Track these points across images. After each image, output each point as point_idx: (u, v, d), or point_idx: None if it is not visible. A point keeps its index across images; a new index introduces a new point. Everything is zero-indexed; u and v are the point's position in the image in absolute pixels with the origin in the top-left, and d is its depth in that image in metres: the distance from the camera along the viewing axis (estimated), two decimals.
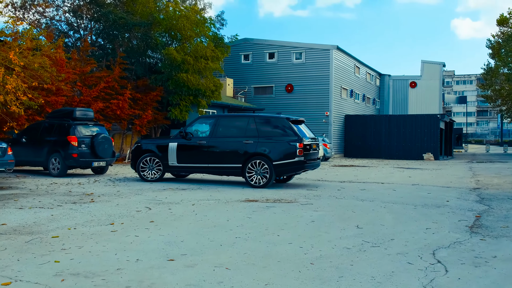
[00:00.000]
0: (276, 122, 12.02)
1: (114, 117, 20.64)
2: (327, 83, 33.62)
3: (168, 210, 8.11)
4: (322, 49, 33.81)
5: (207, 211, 8.10)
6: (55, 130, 14.47)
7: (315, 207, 8.57)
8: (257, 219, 7.37)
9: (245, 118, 12.41)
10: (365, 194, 10.59)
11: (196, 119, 13.13)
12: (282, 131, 11.80)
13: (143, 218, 7.32)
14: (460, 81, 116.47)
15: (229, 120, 12.80)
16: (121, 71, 21.29)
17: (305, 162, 11.69)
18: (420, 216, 7.74)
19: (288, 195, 10.33)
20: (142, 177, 12.94)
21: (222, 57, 23.98)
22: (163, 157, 12.69)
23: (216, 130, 12.30)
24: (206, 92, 22.91)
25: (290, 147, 11.55)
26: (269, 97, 35.46)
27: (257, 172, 11.66)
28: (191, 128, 12.76)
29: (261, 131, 11.87)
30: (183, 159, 12.47)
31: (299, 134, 11.71)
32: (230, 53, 35.19)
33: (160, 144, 12.89)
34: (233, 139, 12.04)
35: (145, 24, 22.16)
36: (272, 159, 11.53)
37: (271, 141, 11.70)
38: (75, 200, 9.23)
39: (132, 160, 13.26)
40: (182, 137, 12.53)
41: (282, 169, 11.66)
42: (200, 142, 12.31)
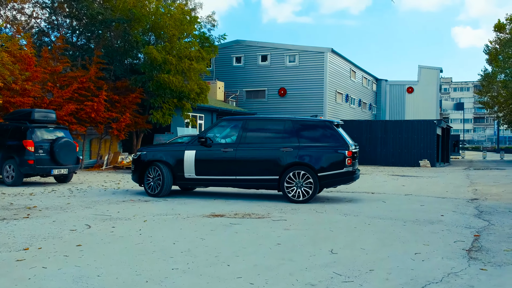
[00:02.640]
0: (319, 126, 10.25)
1: (89, 120, 19.29)
2: (321, 87, 32.41)
3: (110, 229, 6.78)
4: (317, 52, 32.61)
5: (157, 230, 6.76)
6: (11, 133, 13.11)
7: (288, 224, 7.23)
8: (212, 241, 6.04)
9: (281, 122, 10.44)
10: (351, 207, 9.25)
11: (217, 122, 11.02)
12: (326, 136, 10.02)
13: (72, 241, 5.99)
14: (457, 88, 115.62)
15: (260, 123, 10.72)
16: (97, 71, 19.97)
17: (354, 173, 10.07)
18: (410, 236, 6.41)
19: (262, 208, 8.99)
20: (149, 192, 10.65)
21: (208, 58, 22.70)
22: (176, 168, 10.38)
23: (244, 135, 10.21)
24: (191, 94, 21.59)
25: (338, 155, 9.81)
26: (261, 101, 34.22)
27: (298, 184, 9.72)
28: (211, 133, 10.60)
29: (301, 137, 9.96)
30: (203, 170, 10.25)
31: (346, 140, 10.01)
32: (221, 55, 34.10)
33: (172, 152, 10.57)
34: (268, 146, 10.06)
35: (124, 20, 20.85)
36: (317, 170, 9.70)
37: (314, 149, 9.85)
38: (7, 215, 7.89)
39: (134, 171, 11.02)
40: (202, 144, 10.30)
41: (328, 181, 9.90)
42: (226, 150, 10.16)
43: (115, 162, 21.32)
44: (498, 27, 38.96)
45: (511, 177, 19.01)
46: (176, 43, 21.11)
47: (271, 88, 33.97)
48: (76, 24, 23.59)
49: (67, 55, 21.54)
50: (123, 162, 21.39)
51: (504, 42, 36.23)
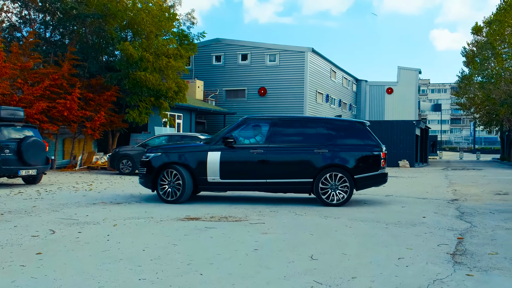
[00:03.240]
0: (352, 126, 9.86)
1: (61, 119, 18.63)
2: (301, 86, 32.21)
3: (75, 235, 6.32)
4: (297, 51, 32.40)
5: (126, 235, 6.33)
6: None
7: (266, 228, 6.88)
8: (185, 247, 5.65)
9: (313, 121, 9.97)
10: (331, 209, 8.95)
11: (241, 121, 9.90)
12: (360, 137, 9.64)
13: (32, 248, 5.52)
14: (435, 90, 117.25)
15: (290, 123, 9.88)
16: (71, 67, 19.30)
17: (387, 175, 9.85)
18: (392, 240, 6.12)
19: (240, 211, 8.62)
20: (164, 198, 9.54)
21: (187, 56, 22.24)
22: (198, 171, 9.41)
23: (273, 135, 9.51)
24: (168, 93, 21.08)
25: (374, 156, 9.52)
26: (241, 100, 33.87)
27: (333, 187, 9.32)
28: (235, 132, 9.67)
29: (335, 138, 9.50)
30: (229, 173, 9.38)
31: (379, 141, 9.73)
32: (200, 54, 33.62)
33: (193, 153, 9.54)
34: (300, 147, 9.47)
35: (99, 16, 20.21)
36: (353, 172, 9.33)
37: (350, 150, 9.43)
38: None
39: (144, 175, 9.76)
40: (227, 145, 9.43)
41: (364, 184, 9.56)
42: (256, 151, 9.39)
43: (89, 162, 20.70)
44: (476, 30, 39.39)
45: (488, 178, 19.13)
46: (154, 40, 20.59)
47: (251, 87, 33.64)
48: (49, 19, 22.84)
49: (40, 51, 20.80)
50: (98, 162, 20.78)
51: (482, 44, 36.65)
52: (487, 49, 34.14)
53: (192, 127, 28.42)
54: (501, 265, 4.92)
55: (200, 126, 32.67)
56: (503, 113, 32.67)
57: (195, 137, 17.08)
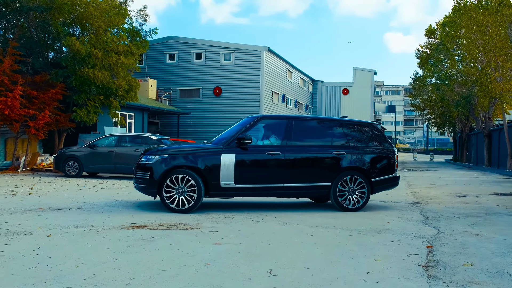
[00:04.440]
0: (367, 128, 9.43)
1: (2, 118, 17.31)
2: (257, 86, 31.77)
3: (0, 248, 5.49)
4: (253, 51, 31.93)
5: (60, 248, 5.55)
6: None
7: (219, 237, 6.27)
8: (126, 262, 4.95)
9: (329, 122, 9.35)
10: (289, 214, 8.44)
11: (253, 120, 9.03)
12: (376, 139, 9.34)
13: None
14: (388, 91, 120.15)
15: (306, 123, 9.27)
16: (13, 63, 17.98)
17: (399, 178, 9.62)
18: (358, 249, 5.66)
19: (191, 217, 7.96)
20: (170, 207, 8.41)
21: (138, 53, 21.26)
22: (210, 175, 8.44)
23: (290, 137, 8.84)
24: (119, 91, 20.06)
25: (389, 159, 9.27)
26: (195, 100, 33.06)
27: (350, 191, 8.90)
28: (248, 133, 8.76)
29: (351, 139, 9.12)
30: (244, 177, 8.55)
31: (393, 144, 9.41)
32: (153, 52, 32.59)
33: (204, 155, 8.55)
34: (318, 149, 8.92)
35: (42, 9, 18.94)
36: (371, 175, 9.02)
37: (367, 152, 9.10)
38: None
39: (148, 180, 8.50)
40: (241, 146, 8.59)
41: (379, 187, 9.28)
42: (273, 153, 8.66)
43: (34, 164, 19.39)
44: (429, 32, 40.26)
45: (445, 179, 19.27)
46: (103, 36, 19.51)
47: (206, 87, 32.90)
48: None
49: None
50: (43, 163, 19.51)
51: (435, 46, 37.42)
52: (440, 51, 34.87)
53: (145, 127, 27.39)
54: (478, 279, 4.52)
55: (153, 126, 31.62)
56: (456, 114, 33.41)
57: (147, 137, 16.25)
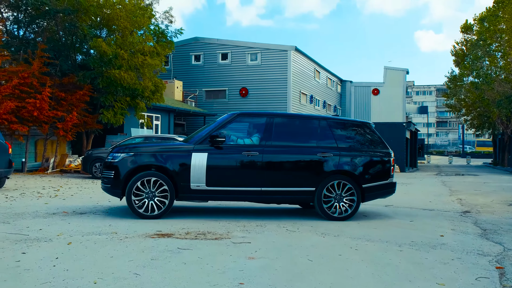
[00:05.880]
0: (358, 127, 8.64)
1: (31, 120, 17.27)
2: (284, 87, 31.12)
3: (17, 257, 5.06)
4: (279, 50, 31.30)
5: (79, 258, 5.06)
6: None
7: (253, 249, 5.67)
8: (149, 278, 4.40)
9: (315, 120, 8.46)
10: (327, 224, 7.78)
11: (229, 117, 8.29)
12: (368, 140, 8.51)
13: None
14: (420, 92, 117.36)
15: (289, 121, 8.44)
16: (41, 66, 17.94)
17: (396, 184, 8.72)
18: (414, 269, 4.94)
19: (221, 225, 7.39)
20: (137, 212, 7.74)
21: (163, 53, 20.95)
22: (179, 176, 7.75)
23: (270, 135, 8.08)
24: (145, 92, 19.75)
25: (383, 163, 8.40)
26: (221, 101, 32.64)
27: (337, 197, 8.06)
28: (223, 130, 8.06)
29: (340, 140, 8.27)
30: (217, 179, 7.82)
31: (388, 146, 8.61)
32: (179, 53, 32.32)
33: (173, 154, 7.84)
34: (302, 150, 8.11)
35: (70, 11, 18.81)
36: (361, 180, 8.15)
37: (357, 155, 8.23)
38: None
39: (112, 180, 7.86)
40: (215, 144, 7.86)
41: (371, 194, 8.37)
42: (250, 153, 7.91)
43: (62, 165, 19.29)
44: (465, 28, 38.68)
45: (490, 185, 18.07)
46: (129, 37, 19.24)
47: (232, 88, 32.45)
48: (22, 17, 21.37)
49: (12, 50, 19.41)
50: (71, 165, 19.38)
51: (474, 42, 35.80)
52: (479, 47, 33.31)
53: (171, 129, 27.11)
54: None
55: (179, 127, 31.37)
56: (496, 115, 31.57)
57: (173, 139, 15.88)
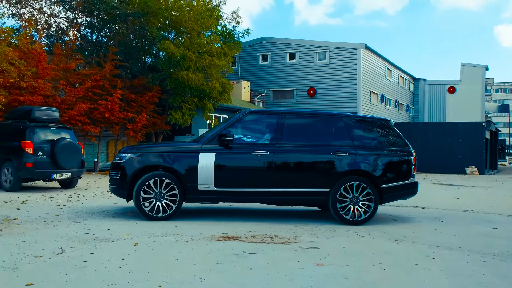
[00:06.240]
0: (376, 125, 8.11)
1: (103, 121, 17.93)
2: (354, 86, 30.32)
3: (85, 257, 5.09)
4: (349, 49, 30.55)
5: (144, 260, 5.02)
6: (10, 133, 11.76)
7: (322, 255, 5.37)
8: (214, 283, 4.25)
9: (329, 118, 8.08)
10: (401, 229, 7.29)
11: (240, 115, 8.10)
12: (387, 138, 8.03)
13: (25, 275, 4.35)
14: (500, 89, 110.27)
15: (301, 119, 8.10)
16: (113, 68, 18.59)
17: (417, 185, 8.18)
18: (499, 282, 4.42)
19: (288, 228, 7.15)
20: (146, 213, 7.57)
21: (231, 54, 21.04)
22: (186, 176, 7.53)
23: (281, 134, 7.75)
24: (212, 93, 19.95)
25: (403, 162, 7.89)
26: (289, 101, 32.39)
27: (353, 200, 7.57)
28: (233, 130, 7.90)
29: (356, 138, 7.82)
30: (225, 179, 7.57)
31: (408, 144, 8.14)
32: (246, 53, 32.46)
33: (180, 154, 7.63)
34: (315, 149, 7.73)
35: (139, 14, 19.38)
36: (379, 181, 7.64)
37: (375, 153, 7.74)
38: None
39: (119, 181, 7.71)
40: (223, 144, 7.64)
41: (390, 195, 7.85)
42: (260, 153, 7.62)
43: None
44: None
45: None
46: (196, 38, 19.51)
47: (300, 88, 32.09)
48: (94, 22, 22.40)
49: (85, 54, 20.34)
50: None
51: None
52: None
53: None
54: None
55: None
56: None
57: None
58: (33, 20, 21.40)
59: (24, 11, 22.53)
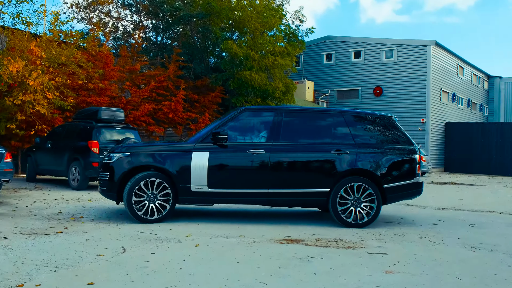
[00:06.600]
0: (378, 122, 7.80)
1: (167, 121, 18.30)
2: (423, 85, 29.03)
3: (147, 256, 5.07)
4: (418, 46, 29.28)
5: (205, 262, 4.91)
6: (78, 133, 12.21)
7: (391, 262, 5.01)
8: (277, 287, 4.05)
9: (329, 115, 7.72)
10: (478, 235, 6.73)
11: (234, 112, 7.74)
12: (391, 136, 7.71)
13: (87, 274, 4.35)
14: None
15: (300, 116, 7.73)
16: (176, 69, 18.93)
17: (422, 184, 7.78)
18: None
19: (354, 231, 6.81)
20: (138, 216, 7.09)
21: (294, 53, 20.79)
22: (178, 177, 7.14)
23: (278, 132, 7.42)
24: (275, 93, 19.80)
25: (407, 161, 7.55)
26: (354, 101, 31.58)
27: (355, 201, 7.21)
28: (227, 127, 7.46)
29: (357, 136, 7.51)
30: (220, 180, 7.22)
31: (413, 141, 7.81)
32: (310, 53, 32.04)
33: (172, 154, 7.27)
34: (315, 147, 7.42)
35: (203, 15, 19.61)
36: (382, 180, 7.30)
37: (377, 152, 7.42)
38: (41, 228, 6.49)
39: (108, 181, 7.28)
40: (218, 142, 7.26)
41: (394, 196, 7.49)
42: (256, 152, 7.28)
43: None
44: None
45: None
46: (259, 38, 19.44)
47: (365, 87, 31.19)
48: (159, 24, 23.00)
49: (150, 56, 20.91)
50: None
51: None
52: None
53: None
54: None
55: None
56: None
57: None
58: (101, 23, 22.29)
59: (92, 15, 23.64)
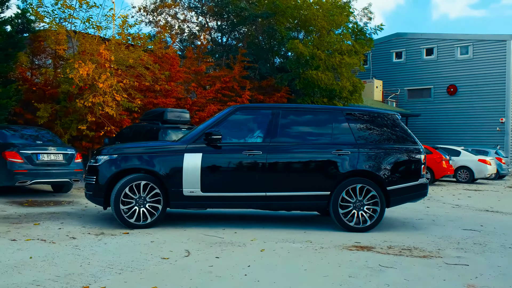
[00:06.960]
0: (383, 120, 7.39)
1: None
2: (502, 82, 27.25)
3: (211, 261, 4.95)
4: (496, 41, 27.52)
5: (270, 269, 4.70)
6: (144, 134, 12.42)
7: (472, 274, 4.55)
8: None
9: (329, 113, 7.37)
10: None
11: (228, 111, 7.24)
12: (394, 135, 7.28)
13: (151, 278, 4.30)
14: None
15: (298, 115, 7.34)
16: (242, 70, 18.90)
17: (427, 186, 7.39)
18: None
19: (428, 240, 6.33)
20: (125, 221, 6.59)
21: (362, 52, 20.13)
22: (170, 181, 6.70)
23: (275, 132, 7.00)
24: (342, 93, 19.27)
25: (412, 161, 7.18)
26: (426, 100, 30.24)
27: (357, 204, 6.80)
28: (221, 127, 6.97)
29: (359, 135, 7.10)
30: (214, 183, 6.80)
31: (418, 141, 7.41)
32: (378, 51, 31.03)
33: (162, 156, 6.81)
34: (314, 147, 7.02)
35: (268, 14, 19.46)
36: (385, 182, 6.89)
37: (380, 152, 7.01)
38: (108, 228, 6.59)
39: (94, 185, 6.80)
40: (211, 143, 6.81)
41: (399, 198, 7.10)
42: (252, 153, 6.86)
43: None
44: None
45: None
46: (326, 36, 19.00)
47: (438, 85, 29.72)
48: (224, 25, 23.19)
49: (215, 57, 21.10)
50: None
51: None
52: None
53: None
54: None
55: None
56: None
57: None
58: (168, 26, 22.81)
59: (159, 18, 24.28)
